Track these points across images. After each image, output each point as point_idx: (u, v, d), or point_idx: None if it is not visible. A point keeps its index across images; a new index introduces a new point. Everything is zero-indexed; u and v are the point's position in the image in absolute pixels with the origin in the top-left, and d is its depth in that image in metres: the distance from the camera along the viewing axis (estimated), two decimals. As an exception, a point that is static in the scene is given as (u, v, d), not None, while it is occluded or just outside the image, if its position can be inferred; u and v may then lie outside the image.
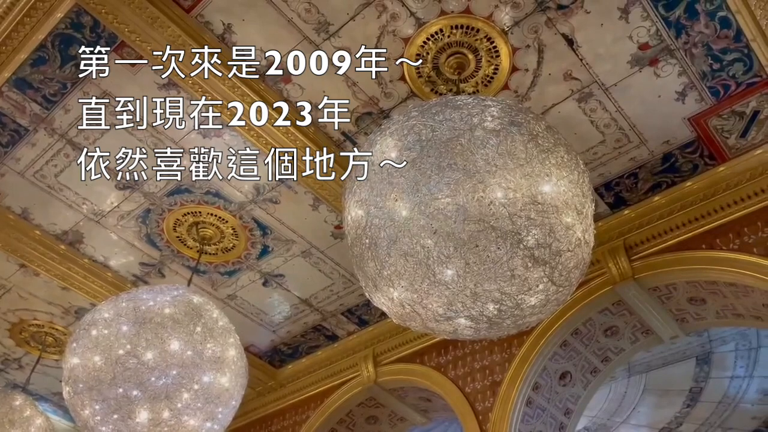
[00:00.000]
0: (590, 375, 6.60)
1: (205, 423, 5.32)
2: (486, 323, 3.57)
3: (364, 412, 8.08)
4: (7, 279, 7.48)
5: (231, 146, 5.80)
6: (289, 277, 7.32)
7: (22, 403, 7.05)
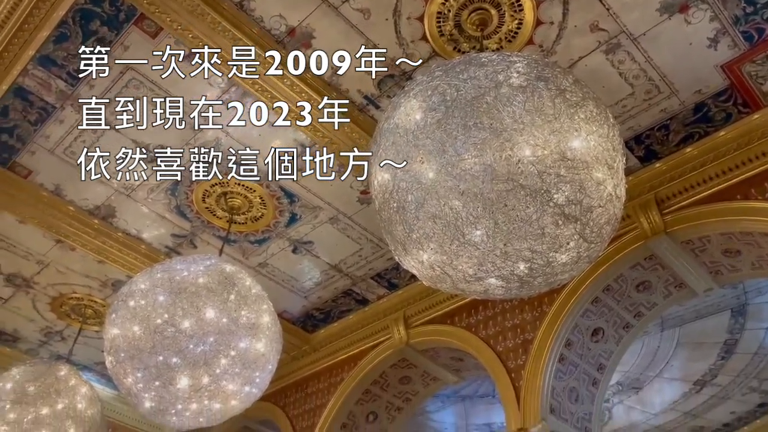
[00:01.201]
0: (623, 330, 6.58)
1: (243, 387, 5.47)
2: (517, 282, 3.56)
3: (397, 373, 8.21)
4: (45, 255, 7.68)
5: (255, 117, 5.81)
6: (317, 244, 7.38)
7: (66, 373, 7.28)
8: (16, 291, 8.33)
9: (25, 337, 9.23)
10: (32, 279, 8.10)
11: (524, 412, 6.01)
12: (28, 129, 6.09)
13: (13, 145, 6.27)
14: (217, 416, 5.57)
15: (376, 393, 8.33)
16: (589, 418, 6.34)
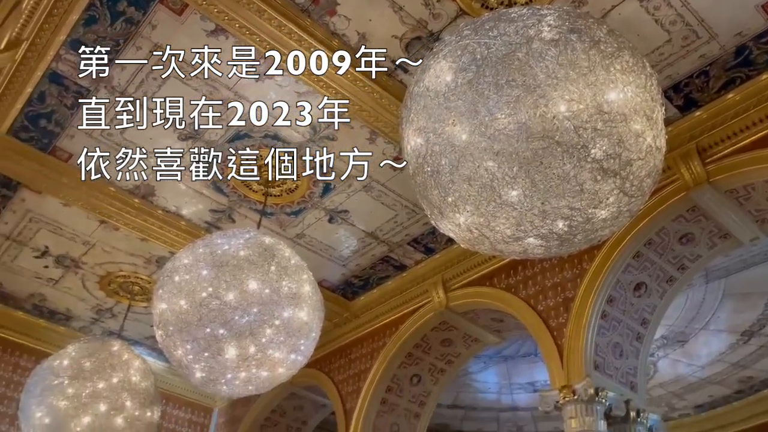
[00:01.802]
0: (666, 284, 6.48)
1: (289, 355, 5.60)
2: (556, 240, 3.53)
3: (438, 336, 8.28)
4: (90, 235, 7.92)
5: (282, 86, 5.81)
6: (353, 212, 7.42)
7: (119, 348, 7.55)
8: (66, 272, 8.64)
9: (78, 315, 9.60)
10: (80, 259, 8.37)
11: (568, 370, 6.01)
12: (65, 113, 6.21)
13: (52, 130, 6.42)
14: (265, 384, 5.72)
15: (419, 356, 8.43)
16: (634, 373, 6.31)
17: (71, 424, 6.76)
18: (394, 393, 8.43)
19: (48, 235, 7.95)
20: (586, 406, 5.68)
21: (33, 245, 8.14)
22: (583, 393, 5.72)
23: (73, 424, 6.76)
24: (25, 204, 7.46)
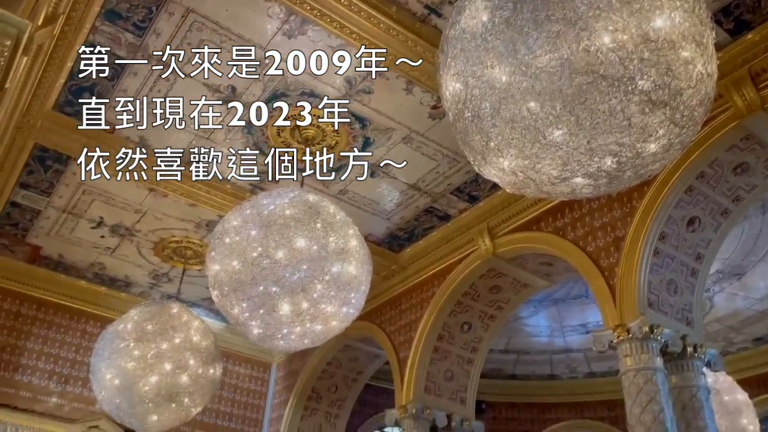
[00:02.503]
0: (720, 217, 6.29)
1: (341, 308, 5.71)
2: (605, 178, 3.44)
3: (487, 283, 8.30)
4: (141, 204, 8.15)
5: (315, 41, 5.76)
6: (394, 165, 7.39)
7: (178, 310, 7.85)
8: (122, 240, 8.95)
9: (136, 281, 9.99)
10: (134, 227, 8.65)
11: (621, 309, 5.96)
12: (106, 85, 6.32)
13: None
14: (320, 337, 5.88)
15: (468, 304, 8.49)
16: (689, 309, 6.21)
17: (140, 383, 7.12)
18: (446, 341, 8.54)
19: (101, 206, 8.23)
20: (641, 343, 5.64)
21: (88, 216, 8.44)
22: (637, 331, 5.68)
23: (141, 383, 7.12)
24: (77, 177, 7.70)
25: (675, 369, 5.85)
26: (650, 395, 5.38)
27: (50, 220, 8.54)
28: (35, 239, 8.97)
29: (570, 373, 11.93)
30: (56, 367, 9.59)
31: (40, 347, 9.58)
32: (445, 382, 8.47)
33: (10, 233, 8.84)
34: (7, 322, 9.45)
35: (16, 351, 9.39)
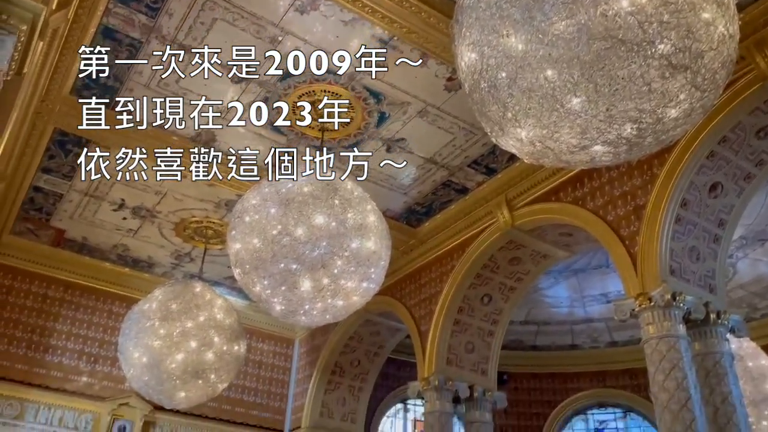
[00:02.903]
0: (743, 182, 6.19)
1: (361, 283, 5.77)
2: (625, 145, 3.40)
3: (506, 255, 8.29)
4: (161, 185, 8.23)
5: (327, 16, 5.71)
6: (410, 140, 7.37)
7: (201, 289, 7.98)
8: (143, 222, 9.07)
9: (159, 262, 10.13)
10: (154, 209, 8.76)
11: (642, 277, 5.93)
12: (122, 67, 6.35)
13: (112, 85, 6.59)
14: (341, 312, 5.95)
15: (488, 276, 8.50)
16: (712, 275, 6.16)
17: (167, 361, 7.28)
18: (466, 313, 8.58)
19: (122, 189, 8.33)
20: (664, 311, 5.62)
21: (110, 199, 8.55)
22: (659, 299, 5.65)
23: (168, 361, 7.27)
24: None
25: (698, 336, 5.83)
26: (673, 362, 5.37)
27: (73, 203, 8.67)
28: (59, 223, 9.12)
29: (591, 342, 11.93)
30: (85, 347, 9.83)
31: (68, 328, 9.81)
32: (466, 354, 8.53)
33: (35, 217, 9.00)
34: (36, 305, 9.68)
35: (46, 332, 9.63)
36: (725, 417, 5.41)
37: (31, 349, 9.43)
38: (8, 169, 7.64)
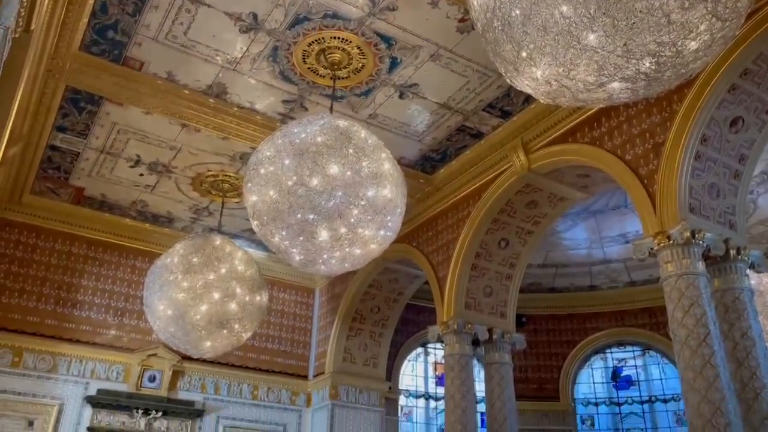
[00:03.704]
0: (765, 116, 6.03)
1: (378, 231, 5.79)
2: (643, 81, 3.33)
3: (523, 199, 8.26)
4: (175, 140, 8.25)
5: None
6: (423, 85, 7.26)
7: (221, 242, 8.07)
8: (160, 177, 9.14)
9: (178, 216, 10.26)
10: (170, 164, 8.80)
11: (661, 216, 5.88)
12: (129, 21, 6.28)
13: (120, 40, 6.53)
14: (359, 260, 5.99)
15: (505, 221, 8.49)
16: (732, 211, 6.09)
17: (191, 312, 7.45)
18: (484, 258, 8.62)
19: (137, 145, 8.36)
20: (683, 249, 5.59)
21: (126, 155, 8.61)
22: (678, 237, 5.62)
23: (192, 312, 7.44)
24: (111, 117, 7.81)
25: (717, 272, 5.81)
26: (692, 299, 5.38)
27: (90, 161, 8.74)
28: (77, 181, 9.23)
29: (610, 283, 11.98)
30: (111, 301, 10.08)
31: (94, 284, 10.05)
32: (484, 297, 8.62)
33: (53, 176, 9.11)
34: (61, 262, 9.90)
35: (72, 289, 9.87)
36: (744, 351, 5.45)
37: (59, 305, 9.69)
38: (24, 128, 7.69)
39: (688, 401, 5.19)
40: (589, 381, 12.37)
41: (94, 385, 9.47)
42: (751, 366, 5.41)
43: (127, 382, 9.70)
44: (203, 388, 10.31)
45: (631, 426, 11.83)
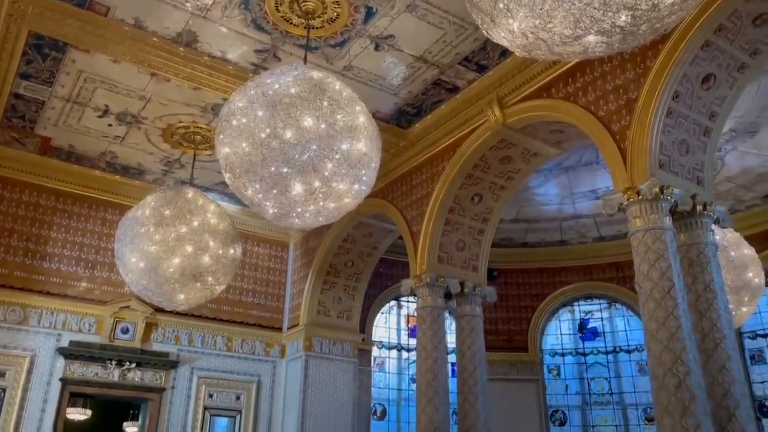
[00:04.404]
0: (737, 73, 6.09)
1: (353, 185, 5.77)
2: (619, 34, 3.32)
3: (497, 154, 8.29)
4: (144, 89, 8.03)
5: None
6: (399, 37, 7.14)
7: (193, 195, 7.97)
8: (129, 128, 8.93)
9: (149, 168, 10.09)
10: (140, 114, 8.60)
11: (631, 171, 5.96)
12: (93, -36, 6.03)
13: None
14: (333, 214, 5.99)
15: (478, 176, 8.53)
16: (701, 168, 6.20)
17: (164, 265, 7.40)
18: (457, 213, 8.69)
19: (105, 94, 8.13)
20: (651, 204, 5.70)
21: (93, 105, 8.38)
22: (647, 192, 5.72)
23: (165, 265, 7.40)
24: (77, 65, 7.56)
25: (684, 227, 5.95)
26: (658, 253, 5.52)
27: (56, 110, 8.49)
28: (44, 131, 8.98)
29: (579, 238, 12.22)
30: (82, 254, 9.97)
31: (63, 236, 9.90)
32: (457, 252, 8.73)
33: (18, 126, 8.85)
34: (29, 213, 9.71)
35: (41, 240, 9.72)
36: (706, 303, 5.64)
37: (28, 257, 9.55)
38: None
39: (651, 351, 5.38)
40: (556, 332, 12.76)
41: (66, 337, 9.45)
42: (712, 318, 5.61)
43: (100, 334, 9.69)
44: (177, 339, 10.37)
45: (595, 375, 12.29)
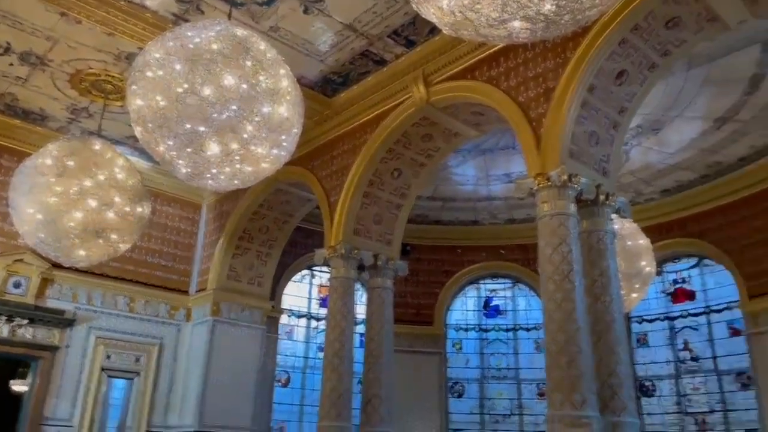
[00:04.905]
0: (647, 71, 6.42)
1: (272, 150, 5.65)
2: (543, 22, 3.40)
3: (419, 131, 8.37)
4: (52, 29, 7.47)
5: None
6: (329, 1, 7.01)
7: (101, 147, 7.53)
8: (33, 70, 8.31)
9: (53, 115, 9.45)
10: (46, 56, 8.01)
11: (544, 158, 6.19)
12: None
13: None
14: (250, 178, 5.85)
15: (400, 151, 8.59)
16: (607, 160, 6.53)
17: (64, 219, 6.99)
18: (376, 186, 8.74)
19: (7, 30, 7.51)
20: (559, 190, 5.96)
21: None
22: (557, 179, 5.97)
23: (65, 219, 6.99)
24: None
25: (587, 215, 6.27)
26: (561, 238, 5.79)
27: (-52, 43, 7.77)
28: (-67, 64, 8.20)
29: (491, 219, 12.61)
30: (-29, 200, 9.27)
31: (-49, 180, 9.17)
32: (373, 225, 8.80)
33: None
34: None
35: (-75, 184, 8.96)
36: (601, 288, 6.00)
37: None
38: None
39: (547, 330, 5.67)
40: (462, 308, 13.21)
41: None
42: (606, 301, 5.98)
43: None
44: (75, 297, 9.89)
45: (495, 351, 12.85)
